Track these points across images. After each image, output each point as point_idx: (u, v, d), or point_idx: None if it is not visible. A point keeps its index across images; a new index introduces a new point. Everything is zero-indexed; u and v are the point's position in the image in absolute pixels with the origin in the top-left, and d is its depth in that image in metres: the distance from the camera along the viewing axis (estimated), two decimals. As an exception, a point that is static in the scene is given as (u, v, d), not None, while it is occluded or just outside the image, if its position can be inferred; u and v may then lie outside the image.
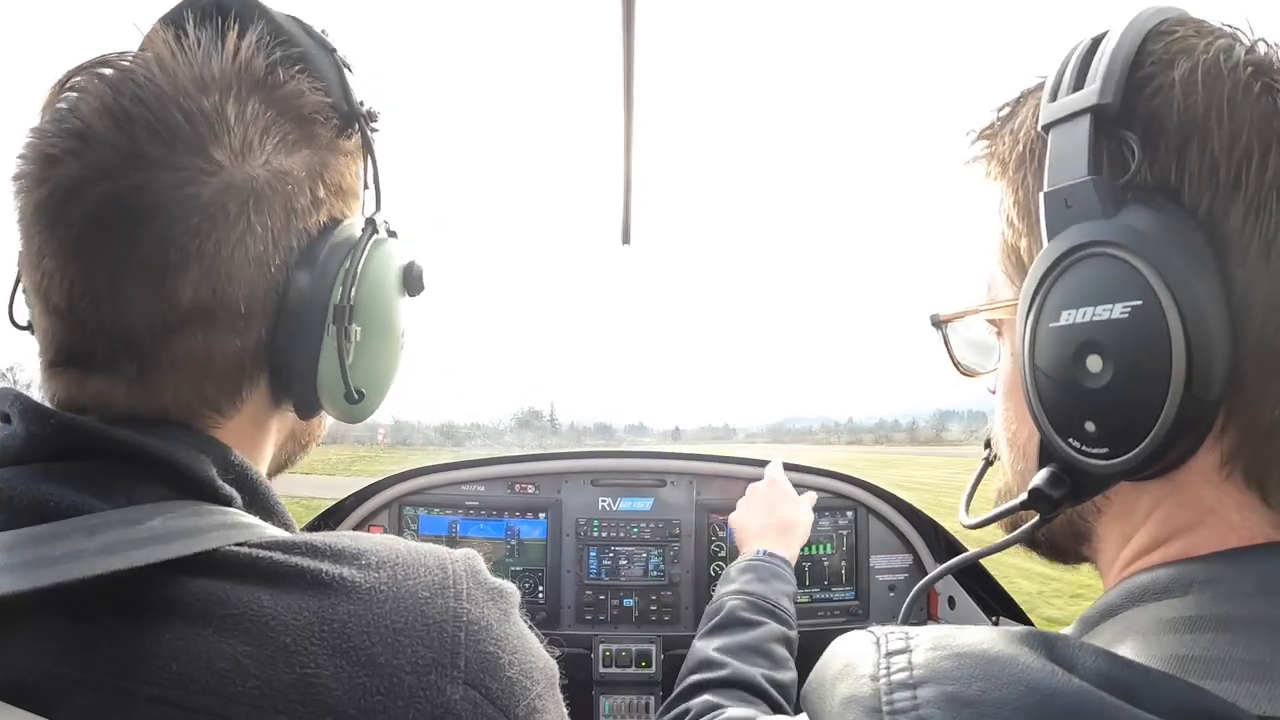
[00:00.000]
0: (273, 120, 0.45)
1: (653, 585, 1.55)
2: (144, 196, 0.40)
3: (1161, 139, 0.35)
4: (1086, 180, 0.36)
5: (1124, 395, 0.35)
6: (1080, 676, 0.28)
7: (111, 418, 0.43)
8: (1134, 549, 0.40)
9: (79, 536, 0.36)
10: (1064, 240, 0.37)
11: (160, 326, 0.42)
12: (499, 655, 0.41)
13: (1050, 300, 0.38)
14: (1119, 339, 0.35)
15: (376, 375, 0.53)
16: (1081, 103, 0.37)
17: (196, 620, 0.36)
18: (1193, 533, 0.37)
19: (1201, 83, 0.35)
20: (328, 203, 0.48)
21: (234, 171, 0.42)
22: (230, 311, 0.43)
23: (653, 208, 1.62)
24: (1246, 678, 0.29)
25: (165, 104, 0.41)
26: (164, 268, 0.41)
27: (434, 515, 1.58)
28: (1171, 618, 0.34)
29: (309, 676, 0.35)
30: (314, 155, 0.47)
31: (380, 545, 0.43)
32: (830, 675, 0.35)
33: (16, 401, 0.41)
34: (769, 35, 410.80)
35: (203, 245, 0.41)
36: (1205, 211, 0.34)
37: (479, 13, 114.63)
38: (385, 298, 0.52)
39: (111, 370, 0.43)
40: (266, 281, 0.45)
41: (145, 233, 0.40)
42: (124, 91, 0.41)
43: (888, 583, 1.58)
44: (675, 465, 1.63)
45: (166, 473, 0.41)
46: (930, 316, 0.51)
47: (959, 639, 0.32)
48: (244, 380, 0.47)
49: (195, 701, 0.34)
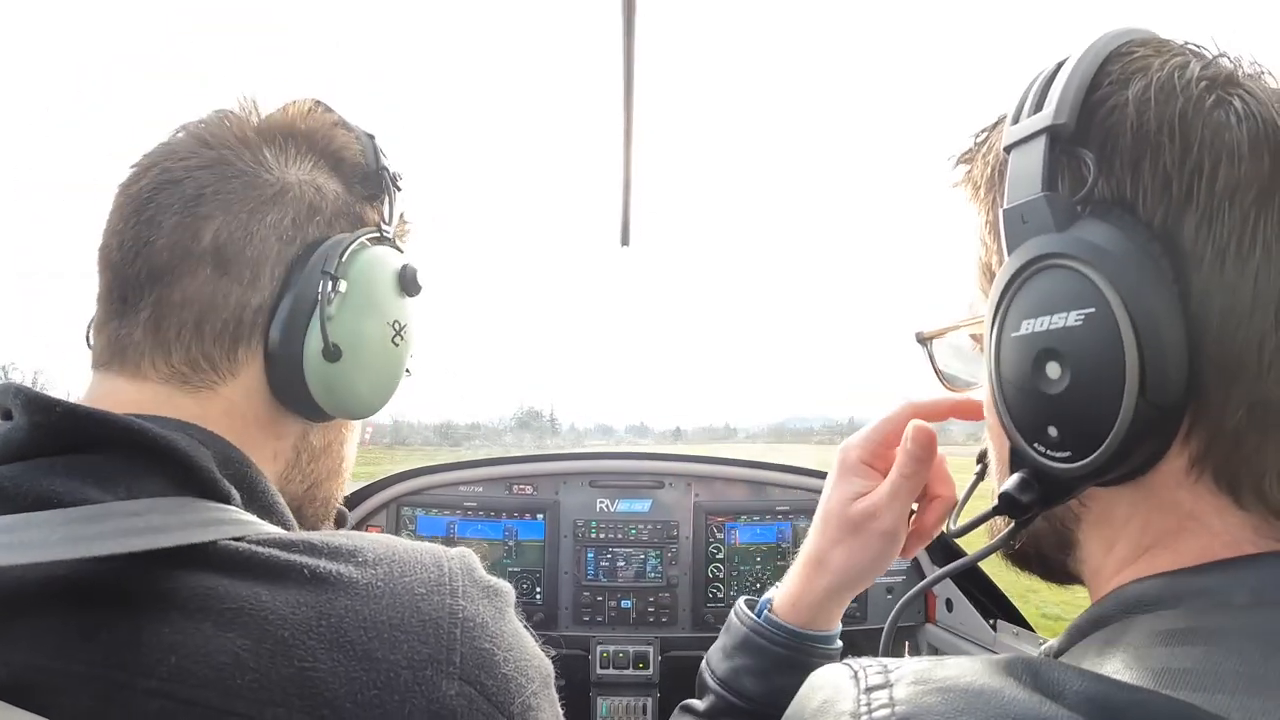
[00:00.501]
0: (315, 156, 0.55)
1: (650, 587, 1.55)
2: (197, 160, 0.50)
3: (1116, 155, 0.36)
4: (1040, 197, 0.37)
5: (1081, 400, 0.36)
6: (1068, 703, 0.28)
7: (131, 370, 0.48)
8: (1119, 557, 0.40)
9: (78, 524, 0.36)
10: (1020, 254, 0.38)
11: (181, 256, 0.48)
12: (494, 652, 0.42)
13: (1011, 311, 0.39)
14: (1074, 345, 0.36)
15: (358, 339, 0.53)
16: (1038, 124, 0.38)
17: (195, 614, 0.36)
18: (1177, 540, 0.37)
19: (1155, 100, 0.36)
20: (344, 222, 0.55)
21: (275, 166, 0.52)
22: (241, 261, 0.49)
23: (652, 209, 1.62)
24: (1240, 690, 0.29)
25: (240, 125, 0.52)
26: (196, 203, 0.48)
27: (432, 516, 1.59)
28: (1163, 630, 0.33)
29: (306, 670, 0.36)
30: (342, 188, 0.56)
31: (377, 543, 0.43)
32: (808, 713, 0.35)
33: (19, 395, 0.42)
34: (769, 37, 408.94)
35: (231, 194, 0.49)
36: (1160, 224, 0.35)
37: (479, 13, 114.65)
38: (374, 275, 0.55)
39: (136, 308, 0.48)
40: (277, 250, 0.50)
41: (192, 180, 0.49)
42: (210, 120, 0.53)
43: (885, 585, 1.58)
44: (673, 467, 1.63)
45: (168, 465, 0.42)
46: (915, 334, 0.53)
47: (940, 673, 0.32)
48: (241, 340, 0.49)
49: (193, 695, 0.34)
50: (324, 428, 0.57)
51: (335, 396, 0.53)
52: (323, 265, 0.51)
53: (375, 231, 0.56)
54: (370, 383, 0.55)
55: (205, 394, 0.48)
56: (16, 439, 0.41)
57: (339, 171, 0.56)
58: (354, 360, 0.53)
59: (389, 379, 0.57)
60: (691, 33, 7.36)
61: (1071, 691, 0.29)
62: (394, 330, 0.57)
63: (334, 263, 0.51)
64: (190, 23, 50.72)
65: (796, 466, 1.63)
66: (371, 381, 0.55)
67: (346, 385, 0.53)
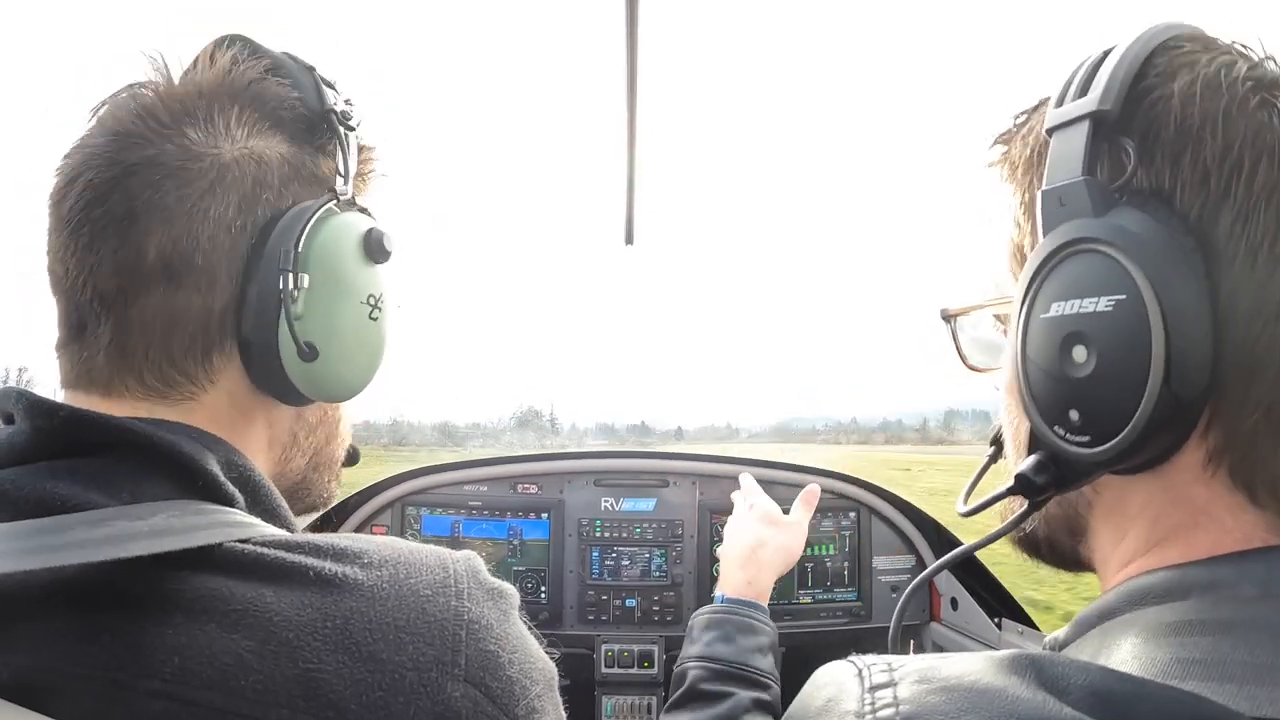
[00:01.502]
0: (248, 116, 0.49)
1: (655, 585, 1.55)
2: (119, 168, 0.45)
3: (1158, 147, 0.37)
4: (1079, 181, 0.38)
5: (1105, 385, 0.36)
6: (1072, 699, 0.28)
7: (102, 390, 0.46)
8: (1129, 547, 0.40)
9: (82, 529, 0.36)
10: (1056, 236, 0.38)
11: (129, 279, 0.45)
12: (499, 654, 0.41)
13: (1042, 293, 0.39)
14: (1102, 330, 0.36)
15: (331, 331, 0.51)
16: (1083, 109, 0.38)
17: (199, 616, 0.36)
18: (1189, 534, 0.37)
19: (1200, 95, 0.36)
20: (298, 184, 0.50)
21: (204, 147, 0.46)
22: (191, 268, 0.45)
23: (656, 208, 1.62)
24: (1247, 680, 0.29)
25: (153, 105, 0.47)
26: (130, 219, 0.44)
27: (437, 515, 1.59)
28: (1172, 621, 0.34)
29: (311, 672, 0.36)
30: (287, 146, 0.50)
31: (382, 545, 0.43)
32: (812, 711, 0.35)
33: (21, 399, 0.42)
34: (773, 34, 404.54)
35: (164, 199, 0.45)
36: (1195, 218, 0.35)
37: (482, 12, 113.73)
38: (337, 253, 0.51)
39: (95, 334, 0.45)
40: (229, 244, 0.47)
41: (117, 194, 0.45)
42: (120, 104, 0.47)
43: (890, 584, 1.58)
44: (678, 466, 1.63)
45: (172, 469, 0.42)
46: (940, 310, 0.53)
47: (945, 671, 0.32)
48: (213, 347, 0.47)
49: (197, 696, 0.34)
50: (317, 404, 0.55)
51: (321, 387, 0.52)
52: (279, 260, 0.47)
53: (331, 196, 0.51)
54: (354, 365, 0.54)
55: (186, 404, 0.47)
56: (19, 443, 0.41)
57: (280, 128, 0.50)
58: (332, 352, 0.51)
59: (373, 354, 0.55)
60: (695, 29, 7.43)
61: (1076, 686, 0.29)
62: (370, 305, 0.53)
63: (290, 255, 0.47)
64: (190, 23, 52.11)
65: (802, 465, 1.62)
66: (355, 366, 0.54)
67: (330, 376, 0.51)
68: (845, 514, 1.59)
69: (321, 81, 0.53)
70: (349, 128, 0.53)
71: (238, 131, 0.48)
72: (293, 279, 0.47)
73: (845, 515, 1.59)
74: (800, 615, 1.53)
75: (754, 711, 0.78)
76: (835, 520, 1.58)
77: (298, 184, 0.50)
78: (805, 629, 1.52)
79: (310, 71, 0.53)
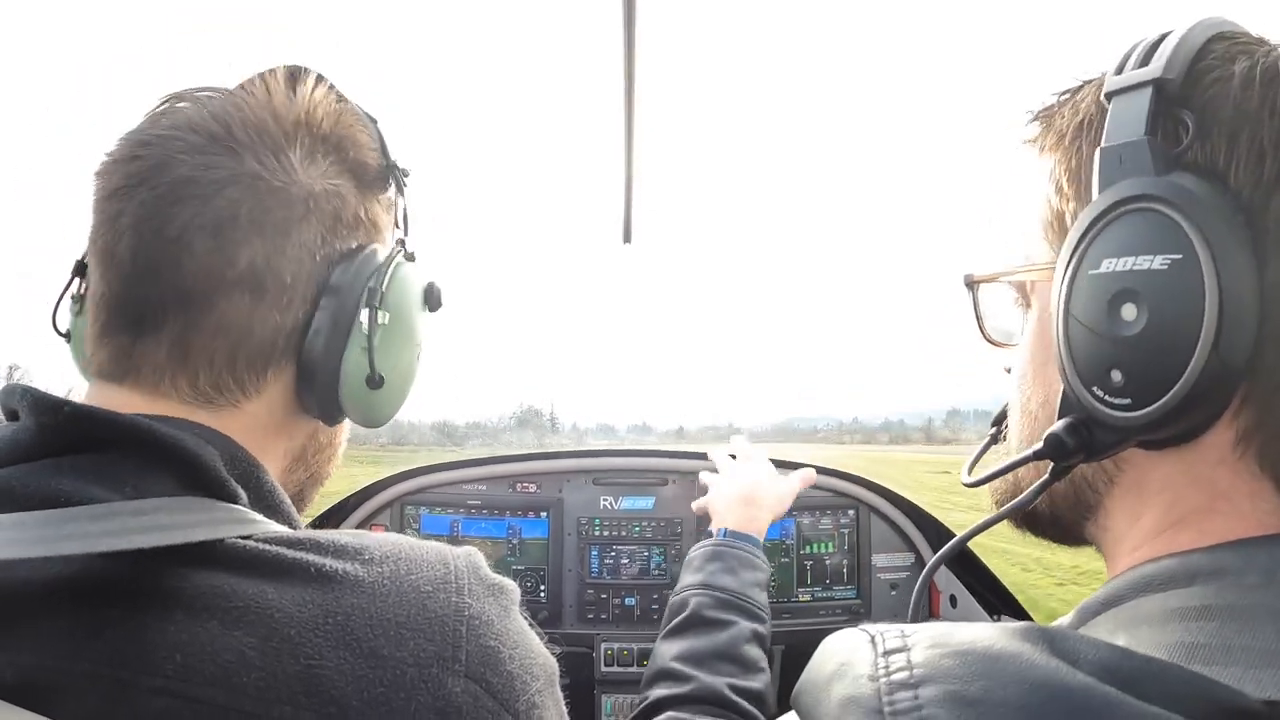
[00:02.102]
0: (334, 155, 0.52)
1: (654, 584, 1.55)
2: (224, 172, 0.46)
3: (1215, 124, 0.37)
4: (1142, 139, 0.38)
5: (1153, 345, 0.36)
6: (1083, 670, 0.28)
7: (148, 387, 0.46)
8: (1144, 529, 0.40)
9: (83, 521, 0.36)
10: (1114, 192, 0.38)
11: (215, 283, 0.45)
12: (499, 650, 0.42)
13: (1094, 249, 0.39)
14: (1156, 289, 0.36)
15: (397, 367, 0.55)
16: (1147, 75, 0.38)
17: (200, 613, 0.36)
18: (1205, 519, 0.37)
19: (1259, 81, 0.37)
20: (364, 228, 0.54)
21: (300, 174, 0.49)
22: (278, 285, 0.47)
23: (654, 206, 1.62)
24: (1252, 664, 0.29)
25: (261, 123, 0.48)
26: (231, 227, 0.45)
27: (436, 514, 1.58)
28: (1176, 607, 0.34)
29: (313, 668, 0.36)
30: (354, 190, 0.53)
31: (383, 541, 0.43)
32: (825, 676, 0.35)
33: (26, 395, 0.42)
34: (771, 30, 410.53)
35: (268, 219, 0.47)
36: (1249, 197, 0.36)
37: (479, 9, 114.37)
38: (410, 300, 0.56)
39: (158, 329, 0.46)
40: (311, 269, 0.49)
41: (222, 197, 0.45)
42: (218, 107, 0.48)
43: (889, 581, 1.58)
44: (676, 464, 1.62)
45: (175, 465, 0.42)
46: (964, 277, 0.52)
47: (958, 636, 0.32)
48: (272, 362, 0.49)
49: (199, 693, 0.34)
50: (335, 426, 0.58)
51: (370, 415, 0.55)
52: (363, 294, 0.51)
53: (400, 247, 0.56)
54: (398, 399, 0.57)
55: (227, 411, 0.48)
56: (24, 440, 0.41)
57: (353, 172, 0.54)
58: (394, 386, 0.54)
59: (408, 392, 0.59)
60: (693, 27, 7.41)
61: (1087, 660, 0.29)
62: (418, 347, 0.59)
63: (376, 293, 0.51)
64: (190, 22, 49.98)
65: (799, 464, 1.62)
66: (399, 398, 0.57)
67: (383, 406, 0.55)
68: (844, 512, 1.59)
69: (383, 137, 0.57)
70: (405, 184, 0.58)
71: (326, 167, 0.51)
72: (377, 314, 0.51)
73: (844, 513, 1.59)
74: (799, 613, 1.53)
75: (753, 642, 0.82)
76: (834, 518, 1.58)
77: (362, 229, 0.54)
78: (805, 627, 1.52)
79: (375, 124, 0.57)
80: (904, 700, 0.30)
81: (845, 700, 0.32)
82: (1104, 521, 0.43)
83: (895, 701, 0.30)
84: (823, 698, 0.34)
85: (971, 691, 0.28)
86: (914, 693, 0.30)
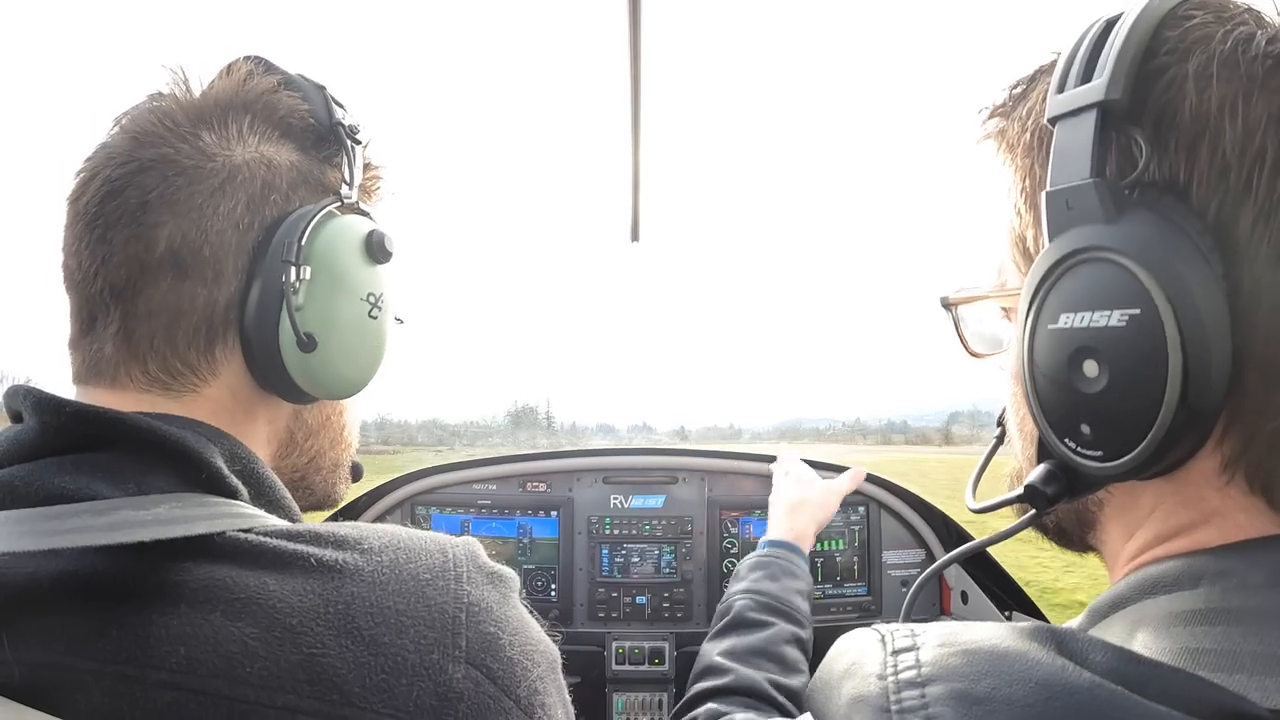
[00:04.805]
0: (260, 124, 0.52)
1: (665, 582, 1.55)
2: (135, 164, 0.47)
3: (1172, 135, 0.34)
4: (1089, 183, 0.35)
5: (1118, 402, 0.34)
6: (1091, 670, 0.28)
7: (108, 381, 0.47)
8: (1139, 543, 0.39)
9: (86, 516, 0.37)
10: (1064, 243, 0.36)
11: (139, 268, 0.46)
12: (499, 636, 0.42)
13: (1049, 302, 0.37)
14: (1115, 347, 0.34)
15: (332, 323, 0.52)
16: (1088, 97, 0.35)
17: (203, 605, 0.36)
18: (1199, 530, 0.37)
19: (1216, 76, 0.33)
20: (303, 191, 0.53)
21: (217, 149, 0.49)
22: (199, 260, 0.47)
23: (662, 204, 1.62)
24: (1258, 670, 0.29)
25: (171, 110, 0.49)
26: (143, 210, 0.46)
27: (446, 514, 1.59)
28: (1182, 610, 0.33)
29: (315, 657, 0.36)
30: (296, 155, 0.53)
31: (382, 532, 0.44)
32: (835, 674, 0.35)
33: (29, 396, 0.43)
34: (778, 29, 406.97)
35: (176, 193, 0.47)
36: (1214, 214, 0.33)
37: (487, 8, 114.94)
38: (339, 251, 0.53)
39: (106, 325, 0.47)
40: (236, 240, 0.49)
41: (131, 188, 0.47)
42: (141, 110, 0.50)
43: (900, 578, 1.58)
44: (687, 462, 1.63)
45: (177, 462, 0.43)
46: (940, 299, 0.51)
47: (966, 635, 0.32)
48: (216, 339, 0.49)
49: (203, 685, 0.34)
50: (317, 405, 0.57)
51: (319, 382, 0.53)
52: (283, 252, 0.49)
53: (335, 199, 0.53)
54: (353, 363, 0.55)
55: (188, 397, 0.48)
56: (27, 439, 0.42)
57: (290, 137, 0.53)
58: (331, 345, 0.52)
59: (372, 353, 0.56)
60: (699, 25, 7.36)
61: (1094, 662, 0.29)
62: (369, 304, 0.55)
63: (294, 248, 0.49)
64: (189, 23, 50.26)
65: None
66: (354, 361, 0.55)
67: (328, 370, 0.52)
68: (854, 509, 1.58)
69: (331, 99, 0.56)
70: (355, 140, 0.56)
71: (250, 138, 0.51)
72: (295, 271, 0.49)
73: (854, 510, 1.58)
74: (810, 610, 1.53)
75: (792, 644, 0.85)
76: (844, 515, 1.58)
77: (305, 190, 0.53)
78: (816, 624, 1.51)
79: (321, 90, 0.56)
80: (911, 698, 0.30)
81: (854, 698, 0.32)
82: (1101, 535, 0.43)
83: (902, 700, 0.30)
84: (834, 696, 0.34)
85: (978, 690, 0.29)
86: (921, 691, 0.30)
